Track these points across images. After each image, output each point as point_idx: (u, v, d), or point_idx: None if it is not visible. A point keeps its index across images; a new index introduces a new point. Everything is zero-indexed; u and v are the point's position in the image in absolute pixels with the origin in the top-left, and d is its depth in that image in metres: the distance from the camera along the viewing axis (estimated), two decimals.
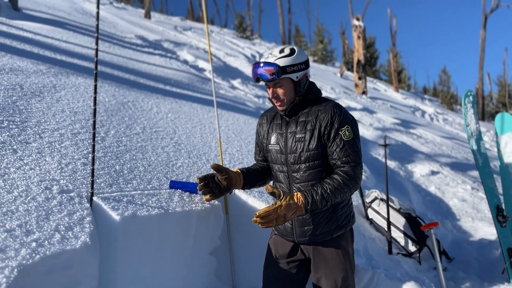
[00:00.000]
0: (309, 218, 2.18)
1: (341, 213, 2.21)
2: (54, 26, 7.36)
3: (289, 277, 2.27)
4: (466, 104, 3.91)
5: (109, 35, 8.80)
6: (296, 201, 2.00)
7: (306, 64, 2.17)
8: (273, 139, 2.27)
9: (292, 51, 2.14)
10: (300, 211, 2.00)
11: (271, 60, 2.10)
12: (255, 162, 2.51)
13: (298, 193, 2.03)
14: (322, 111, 2.14)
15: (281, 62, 2.08)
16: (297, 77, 2.13)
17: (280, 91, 2.14)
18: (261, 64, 2.10)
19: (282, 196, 1.99)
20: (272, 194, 2.01)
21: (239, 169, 2.37)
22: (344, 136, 2.09)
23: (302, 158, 2.14)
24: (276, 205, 1.95)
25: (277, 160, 2.25)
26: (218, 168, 2.26)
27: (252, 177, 2.38)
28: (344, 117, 2.11)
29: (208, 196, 2.29)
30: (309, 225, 2.19)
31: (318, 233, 2.19)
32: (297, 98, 2.16)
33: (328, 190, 2.02)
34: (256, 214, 1.93)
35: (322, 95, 2.28)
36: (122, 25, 11.62)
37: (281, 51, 2.13)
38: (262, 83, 2.17)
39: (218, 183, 2.28)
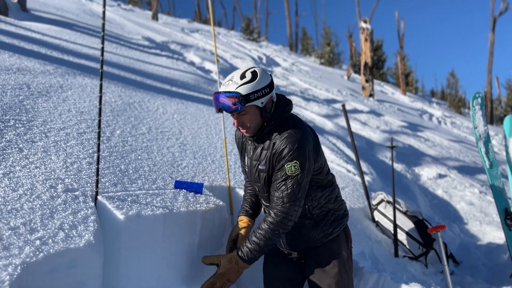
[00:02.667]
0: (292, 232, 2.16)
1: (324, 222, 2.20)
2: (62, 27, 7.40)
3: (288, 276, 2.30)
4: (474, 106, 3.87)
5: (116, 36, 8.84)
6: (234, 264, 2.05)
7: (270, 87, 2.02)
8: (246, 160, 2.25)
9: (254, 75, 1.98)
10: (241, 267, 2.06)
11: (232, 88, 1.95)
12: (246, 184, 2.48)
13: (234, 253, 2.08)
14: (278, 141, 2.02)
15: (243, 90, 1.94)
16: (262, 103, 2.00)
17: (245, 118, 2.02)
18: (222, 94, 1.96)
19: (219, 263, 2.08)
20: (212, 265, 2.13)
21: (248, 217, 2.35)
22: (288, 171, 1.97)
23: (266, 189, 2.14)
24: (217, 275, 2.06)
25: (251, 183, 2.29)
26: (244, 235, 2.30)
27: (256, 212, 2.40)
28: (295, 152, 1.97)
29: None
30: (295, 241, 2.23)
31: (304, 243, 2.21)
32: (264, 123, 2.05)
33: (262, 237, 2.03)
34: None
35: (292, 115, 2.14)
36: (130, 27, 11.67)
37: (242, 76, 1.98)
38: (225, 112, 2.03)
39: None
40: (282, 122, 2.07)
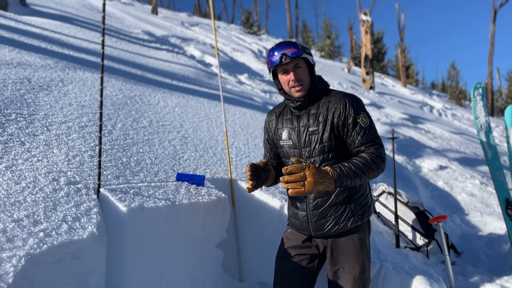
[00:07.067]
0: (324, 210, 2.16)
1: (356, 203, 2.19)
2: (62, 21, 7.38)
3: (301, 269, 2.25)
4: (475, 97, 3.86)
5: (116, 31, 8.82)
6: (324, 172, 1.89)
7: None
8: (284, 134, 2.24)
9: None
10: (329, 180, 1.88)
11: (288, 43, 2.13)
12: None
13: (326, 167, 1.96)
14: (332, 102, 2.12)
15: (299, 43, 2.11)
16: (312, 60, 2.16)
17: (300, 71, 2.12)
18: (282, 45, 2.10)
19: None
20: (299, 162, 1.87)
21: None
22: (362, 123, 2.08)
23: (317, 151, 2.12)
24: (304, 164, 1.84)
25: (290, 155, 2.22)
26: (266, 163, 2.20)
27: (277, 175, 2.34)
28: (357, 105, 2.10)
29: (251, 185, 2.12)
30: (324, 218, 2.18)
31: (334, 225, 2.17)
32: (314, 84, 2.16)
33: (356, 165, 1.98)
34: (283, 169, 1.81)
35: (330, 87, 2.26)
36: (129, 21, 11.64)
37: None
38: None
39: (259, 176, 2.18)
40: (326, 90, 2.21)
